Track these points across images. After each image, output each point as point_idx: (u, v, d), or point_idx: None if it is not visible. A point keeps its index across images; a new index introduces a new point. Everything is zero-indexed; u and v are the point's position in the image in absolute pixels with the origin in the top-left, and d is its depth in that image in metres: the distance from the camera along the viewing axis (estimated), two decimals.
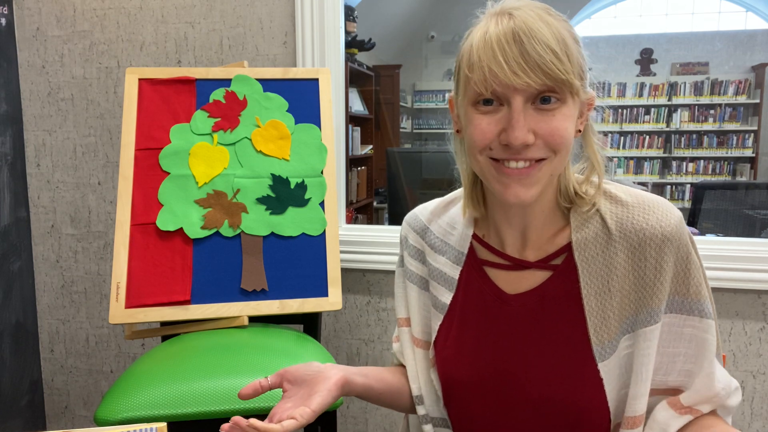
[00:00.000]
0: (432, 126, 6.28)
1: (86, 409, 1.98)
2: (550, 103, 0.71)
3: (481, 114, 0.73)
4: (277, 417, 0.74)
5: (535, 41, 0.68)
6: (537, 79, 0.68)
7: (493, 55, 0.70)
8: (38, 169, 1.89)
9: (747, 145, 5.81)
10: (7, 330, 1.81)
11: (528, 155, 0.72)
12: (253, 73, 1.47)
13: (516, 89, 0.70)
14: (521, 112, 0.71)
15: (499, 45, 0.69)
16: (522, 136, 0.71)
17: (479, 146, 0.74)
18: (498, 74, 0.69)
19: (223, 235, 1.37)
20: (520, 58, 0.68)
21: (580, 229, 0.80)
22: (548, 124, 0.71)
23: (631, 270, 0.77)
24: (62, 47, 1.82)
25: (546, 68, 0.68)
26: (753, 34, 5.78)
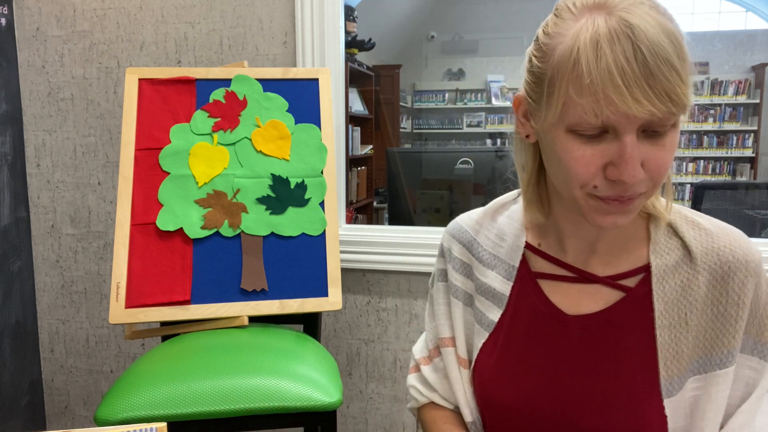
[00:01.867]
0: (432, 126, 6.28)
1: (86, 409, 1.98)
2: (662, 131, 0.61)
3: (582, 143, 0.62)
4: None
5: (661, 61, 0.56)
6: (662, 107, 0.57)
7: (611, 79, 0.57)
8: (38, 169, 1.89)
9: (747, 145, 5.81)
10: (7, 330, 1.81)
11: (636, 190, 0.63)
12: (253, 73, 1.47)
13: (635, 118, 0.58)
14: (634, 146, 0.60)
15: (619, 66, 0.57)
16: (638, 174, 0.60)
17: (581, 182, 0.63)
18: (617, 103, 0.57)
19: (223, 235, 1.37)
20: (643, 82, 0.56)
21: (661, 253, 0.72)
22: (656, 156, 0.61)
23: (711, 305, 0.70)
24: (62, 47, 1.82)
25: (674, 95, 0.57)
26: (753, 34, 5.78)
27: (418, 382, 0.91)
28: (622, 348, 0.71)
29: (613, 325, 0.72)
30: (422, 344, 0.93)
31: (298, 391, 1.10)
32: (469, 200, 2.89)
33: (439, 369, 0.88)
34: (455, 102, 6.19)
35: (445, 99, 6.21)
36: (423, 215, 2.80)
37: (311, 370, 1.16)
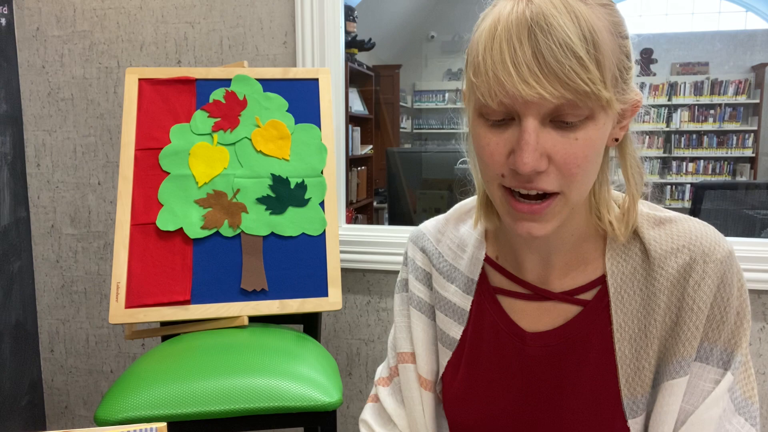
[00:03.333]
0: (432, 126, 6.28)
1: (86, 409, 1.98)
2: (572, 122, 0.57)
3: (489, 130, 0.60)
4: None
5: (553, 40, 0.53)
6: (553, 90, 0.54)
7: (501, 58, 0.55)
8: (38, 169, 1.89)
9: (747, 145, 5.81)
10: (7, 330, 1.81)
11: (540, 185, 0.58)
12: (253, 73, 1.47)
13: (527, 103, 0.55)
14: (533, 132, 0.56)
15: (509, 43, 0.54)
16: (531, 161, 0.56)
17: (490, 173, 0.61)
18: (505, 83, 0.55)
19: (223, 235, 1.37)
20: (533, 62, 0.54)
21: (617, 259, 0.67)
22: (564, 148, 0.57)
23: (669, 311, 0.65)
24: (62, 47, 1.82)
25: (565, 78, 0.53)
26: (753, 34, 5.78)
27: (372, 416, 0.83)
28: (582, 366, 0.68)
29: (572, 342, 0.68)
30: (384, 364, 0.87)
31: (298, 391, 1.10)
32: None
33: (399, 391, 0.82)
34: (455, 102, 6.18)
35: (445, 99, 6.21)
36: (423, 215, 2.80)
37: (311, 370, 1.16)
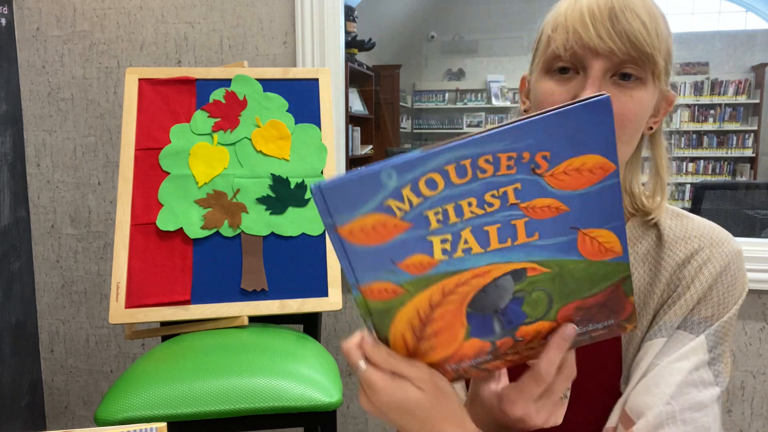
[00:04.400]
0: (432, 126, 6.28)
1: (86, 409, 1.98)
2: (629, 80, 0.66)
3: (555, 83, 0.69)
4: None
5: (627, 10, 0.65)
6: (621, 46, 0.64)
7: (581, 17, 0.66)
8: (38, 169, 1.89)
9: (747, 145, 5.82)
10: (7, 330, 1.81)
11: None
12: (253, 73, 1.47)
13: (597, 54, 0.65)
14: (598, 79, 0.66)
15: (590, 9, 0.66)
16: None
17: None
18: (582, 35, 0.65)
19: (223, 235, 1.37)
20: (608, 23, 0.64)
21: (632, 240, 0.74)
22: (621, 101, 0.66)
23: (668, 287, 0.71)
24: (62, 47, 1.82)
25: (633, 37, 0.64)
26: (753, 34, 5.78)
27: None
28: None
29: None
30: None
31: (298, 391, 1.10)
32: None
33: None
34: (455, 102, 6.19)
35: (445, 99, 6.21)
36: None
37: (311, 370, 1.16)
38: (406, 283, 0.47)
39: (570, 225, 0.46)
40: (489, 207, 0.44)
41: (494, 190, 0.44)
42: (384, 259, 0.46)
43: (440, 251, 0.46)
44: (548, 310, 0.50)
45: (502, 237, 0.46)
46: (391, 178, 0.43)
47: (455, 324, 0.49)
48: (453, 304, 0.48)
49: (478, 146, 0.43)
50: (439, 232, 0.45)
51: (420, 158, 0.43)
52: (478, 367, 0.53)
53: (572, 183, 0.44)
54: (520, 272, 0.47)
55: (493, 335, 0.50)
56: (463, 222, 0.45)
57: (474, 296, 0.48)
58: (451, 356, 0.52)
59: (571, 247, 0.47)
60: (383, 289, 0.47)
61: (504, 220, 0.45)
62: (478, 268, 0.47)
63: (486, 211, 0.45)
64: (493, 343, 0.51)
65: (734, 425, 1.62)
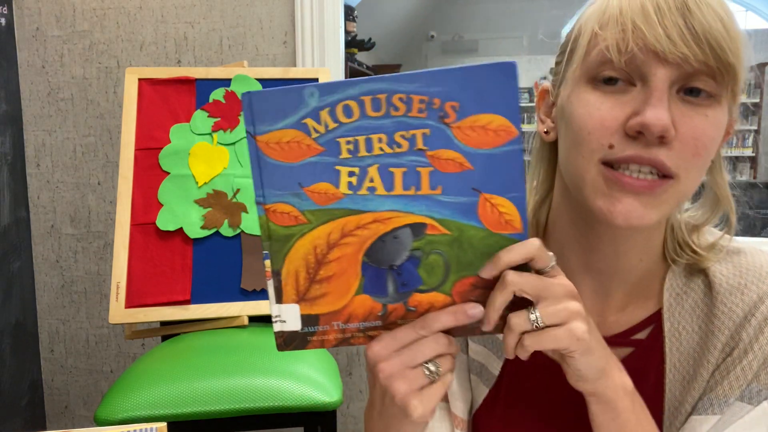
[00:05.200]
0: None
1: (86, 409, 1.98)
2: (699, 96, 0.51)
3: (600, 95, 0.53)
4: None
5: (703, 4, 0.49)
6: (698, 52, 0.49)
7: (642, 9, 0.50)
8: (38, 169, 1.89)
9: (747, 145, 5.82)
10: (7, 330, 1.81)
11: (661, 156, 0.50)
12: (253, 72, 1.47)
13: (665, 61, 0.50)
14: (664, 92, 0.50)
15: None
16: (665, 118, 0.49)
17: (593, 143, 0.52)
18: (646, 33, 0.49)
19: (223, 234, 1.37)
20: (680, 19, 0.49)
21: (677, 291, 0.60)
22: (693, 122, 0.51)
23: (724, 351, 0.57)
24: (62, 47, 1.82)
25: (713, 41, 0.49)
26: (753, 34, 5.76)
27: None
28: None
29: None
30: None
31: (298, 391, 1.10)
32: None
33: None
34: None
35: None
36: None
37: (311, 370, 1.16)
38: (308, 212, 0.48)
39: (472, 185, 0.47)
40: (397, 147, 0.47)
41: (404, 130, 0.46)
42: (292, 179, 0.48)
43: (346, 184, 0.48)
44: (444, 279, 0.49)
45: (407, 183, 0.47)
46: (312, 96, 0.46)
47: (349, 272, 0.50)
48: (350, 248, 0.49)
49: (394, 83, 0.45)
50: (347, 163, 0.47)
51: (341, 83, 0.46)
52: (365, 333, 0.52)
53: (477, 140, 0.46)
54: (419, 227, 0.48)
55: (386, 296, 0.50)
56: (372, 158, 0.47)
57: (372, 244, 0.49)
58: (340, 311, 0.51)
59: (471, 210, 0.48)
60: (286, 213, 0.49)
61: (410, 164, 0.47)
62: (379, 212, 0.48)
63: (394, 151, 0.47)
64: (385, 306, 0.51)
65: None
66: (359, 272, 0.50)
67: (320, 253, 0.49)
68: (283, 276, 0.50)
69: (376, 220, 0.48)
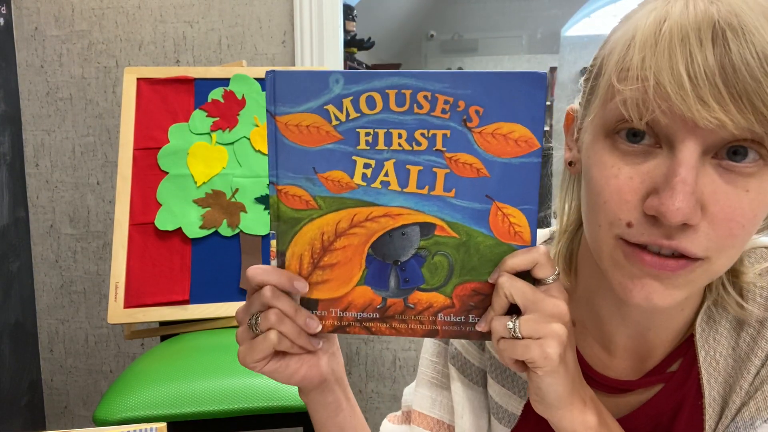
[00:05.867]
0: None
1: (86, 409, 1.98)
2: (746, 161, 0.41)
3: (620, 157, 0.44)
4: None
5: (749, 49, 0.38)
6: (740, 119, 0.39)
7: (670, 62, 0.40)
8: (37, 169, 1.88)
9: None
10: (6, 330, 1.81)
11: (684, 244, 0.43)
12: (252, 72, 1.46)
13: (695, 128, 0.40)
14: (693, 167, 0.41)
15: (684, 44, 0.39)
16: (686, 206, 0.41)
17: (610, 216, 0.45)
18: (672, 96, 0.40)
19: (222, 234, 1.37)
20: (716, 75, 0.39)
21: (711, 316, 0.53)
22: (730, 200, 0.42)
23: (758, 373, 0.52)
24: (61, 47, 1.82)
25: (762, 103, 0.38)
26: None
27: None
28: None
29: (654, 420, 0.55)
30: (408, 391, 0.71)
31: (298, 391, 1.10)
32: None
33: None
34: None
35: None
36: None
37: None
38: (320, 198, 0.49)
39: (486, 193, 0.47)
40: (417, 145, 0.47)
41: (425, 129, 0.46)
42: (307, 164, 0.48)
43: (361, 175, 0.48)
44: (446, 281, 0.50)
45: (421, 182, 0.48)
46: (338, 83, 0.46)
47: (354, 262, 0.50)
48: (357, 238, 0.49)
49: (421, 80, 0.45)
50: (364, 154, 0.48)
51: (367, 74, 0.46)
52: (362, 323, 0.52)
53: (497, 148, 0.46)
54: (429, 226, 0.48)
55: (387, 290, 0.50)
56: (389, 152, 0.47)
57: (379, 238, 0.49)
58: (340, 299, 0.51)
59: (482, 217, 0.48)
60: (298, 196, 0.49)
61: (427, 163, 0.47)
62: (391, 207, 0.48)
63: (413, 148, 0.47)
64: (384, 300, 0.51)
65: None
66: (363, 264, 0.50)
67: (327, 240, 0.50)
68: (288, 258, 0.51)
69: (386, 214, 0.49)
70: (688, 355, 0.54)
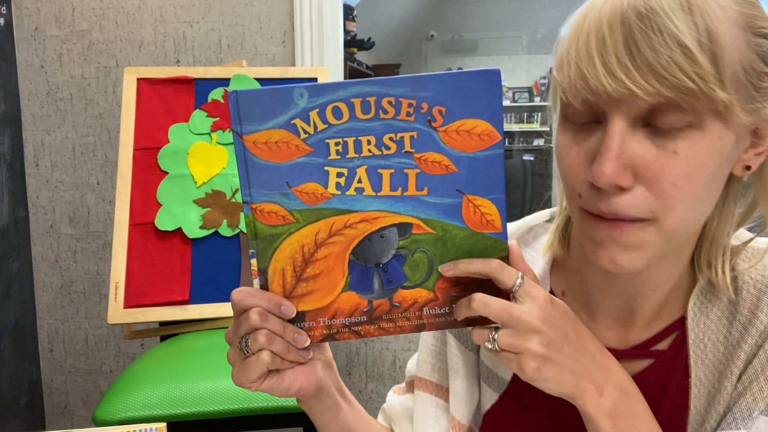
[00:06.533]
0: None
1: (85, 409, 1.98)
2: (668, 124, 0.46)
3: (571, 137, 0.50)
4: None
5: (652, 26, 0.44)
6: (646, 85, 0.44)
7: (587, 49, 0.46)
8: (37, 169, 1.88)
9: None
10: (6, 330, 1.81)
11: (620, 207, 0.47)
12: (252, 72, 1.47)
13: (615, 100, 0.46)
14: (617, 135, 0.46)
15: (598, 31, 0.46)
16: (610, 171, 0.46)
17: (568, 190, 0.52)
18: (588, 77, 0.46)
19: (222, 234, 1.37)
20: (623, 52, 0.45)
21: (701, 298, 0.56)
22: (659, 162, 0.46)
23: (748, 359, 0.54)
24: (61, 47, 1.82)
25: (663, 70, 0.43)
26: None
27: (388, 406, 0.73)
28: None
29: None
30: (412, 362, 0.74)
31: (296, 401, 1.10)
32: None
33: (408, 410, 0.69)
34: None
35: None
36: None
37: None
38: (296, 211, 0.50)
39: (457, 187, 0.49)
40: (386, 150, 0.48)
41: (393, 133, 0.48)
42: (280, 179, 0.49)
43: (334, 185, 0.49)
44: (428, 276, 0.51)
45: (394, 184, 0.49)
46: (302, 97, 0.47)
47: (336, 270, 0.51)
48: (338, 246, 0.51)
49: (384, 86, 0.47)
50: (336, 164, 0.49)
51: (331, 85, 0.47)
52: (351, 329, 0.53)
53: (462, 144, 0.48)
54: (406, 226, 0.50)
55: (371, 293, 0.52)
56: (360, 159, 0.48)
57: (359, 243, 0.50)
58: (326, 307, 0.52)
59: (455, 211, 0.50)
60: (274, 213, 0.50)
61: (398, 166, 0.49)
62: (367, 212, 0.50)
63: (383, 153, 0.48)
64: (370, 302, 0.52)
65: None
66: (346, 270, 0.51)
67: (307, 252, 0.51)
68: (270, 274, 0.51)
69: (363, 219, 0.50)
70: (679, 335, 0.57)
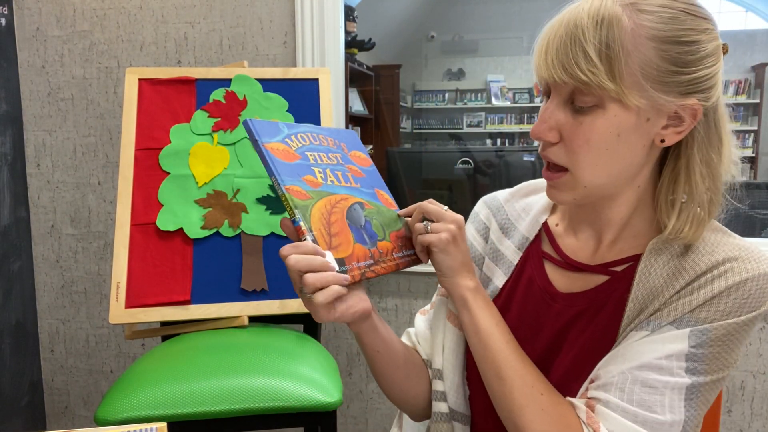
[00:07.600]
0: (432, 126, 6.28)
1: (86, 409, 1.98)
2: (578, 103, 0.67)
3: (542, 105, 0.71)
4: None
5: (570, 36, 0.64)
6: (554, 75, 0.65)
7: (538, 47, 0.68)
8: (38, 169, 1.89)
9: (747, 145, 5.81)
10: (7, 330, 1.81)
11: (548, 154, 0.70)
12: (253, 73, 1.47)
13: (553, 84, 0.67)
14: (548, 106, 0.68)
15: (547, 36, 0.67)
16: (539, 130, 0.69)
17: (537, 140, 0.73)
18: (537, 66, 0.68)
19: (223, 235, 1.37)
20: (554, 52, 0.65)
21: (659, 245, 0.71)
22: (572, 128, 0.67)
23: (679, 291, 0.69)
24: (62, 47, 1.82)
25: (568, 66, 0.64)
26: (753, 34, 5.78)
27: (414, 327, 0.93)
28: (593, 323, 0.74)
29: (592, 303, 0.75)
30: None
31: (298, 391, 1.10)
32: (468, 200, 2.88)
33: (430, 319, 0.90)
34: (455, 102, 6.18)
35: (445, 99, 6.21)
36: None
37: (311, 370, 1.16)
38: (309, 191, 0.70)
39: (369, 184, 0.80)
40: (334, 161, 0.78)
41: (332, 153, 0.78)
42: (293, 172, 0.70)
43: (321, 177, 0.73)
44: (385, 234, 0.77)
45: (346, 180, 0.77)
46: (283, 129, 0.74)
47: (345, 230, 0.72)
48: (338, 214, 0.72)
49: (317, 130, 0.79)
50: (316, 166, 0.74)
51: (293, 124, 0.76)
52: (369, 268, 0.72)
53: (359, 162, 0.82)
54: (361, 204, 0.76)
55: (366, 244, 0.73)
56: (326, 165, 0.76)
57: (347, 212, 0.73)
58: (351, 255, 0.70)
59: (374, 196, 0.79)
60: (299, 191, 0.69)
61: (343, 169, 0.78)
62: (341, 194, 0.74)
63: (334, 162, 0.77)
64: (370, 251, 0.73)
65: (734, 425, 1.62)
66: (349, 230, 0.72)
67: (325, 218, 0.70)
68: (315, 232, 0.68)
69: (342, 198, 0.74)
70: (633, 264, 0.74)
